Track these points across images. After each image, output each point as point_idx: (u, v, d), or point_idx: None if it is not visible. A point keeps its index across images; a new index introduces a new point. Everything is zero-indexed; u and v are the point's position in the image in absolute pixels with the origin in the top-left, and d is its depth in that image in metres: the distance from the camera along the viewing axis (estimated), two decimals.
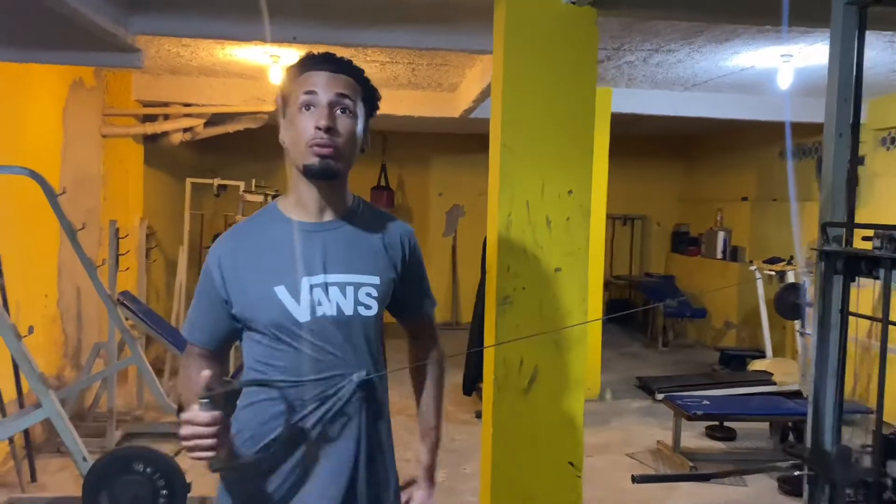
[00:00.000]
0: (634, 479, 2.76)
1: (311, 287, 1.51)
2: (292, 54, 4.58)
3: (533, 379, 2.76)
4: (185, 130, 5.97)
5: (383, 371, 1.63)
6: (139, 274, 5.63)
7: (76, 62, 3.87)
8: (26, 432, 4.08)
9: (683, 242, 9.34)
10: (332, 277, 1.53)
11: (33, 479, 4.07)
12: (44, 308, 4.64)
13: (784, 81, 4.75)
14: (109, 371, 4.36)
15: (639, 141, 9.19)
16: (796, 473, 2.06)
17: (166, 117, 5.90)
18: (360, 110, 1.56)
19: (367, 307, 1.55)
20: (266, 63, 4.77)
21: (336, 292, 1.52)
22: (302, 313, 1.50)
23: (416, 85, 5.63)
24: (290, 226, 1.54)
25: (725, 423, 5.14)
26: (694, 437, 5.15)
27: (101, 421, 4.74)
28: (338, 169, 1.52)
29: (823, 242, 2.07)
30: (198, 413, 1.30)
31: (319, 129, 1.48)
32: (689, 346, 8.58)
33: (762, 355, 6.56)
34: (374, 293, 1.56)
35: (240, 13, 3.45)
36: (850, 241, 2.10)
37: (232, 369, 4.36)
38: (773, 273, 6.51)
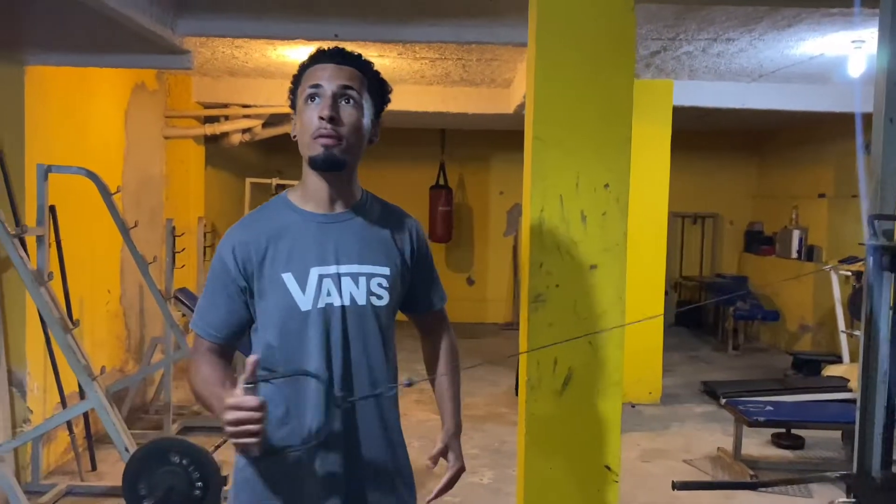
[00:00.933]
0: (674, 486, 2.63)
1: (321, 277, 1.52)
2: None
3: (567, 380, 2.67)
4: (244, 131, 6.10)
5: (392, 364, 1.63)
6: (197, 271, 5.80)
7: (129, 65, 4.00)
8: (87, 423, 4.24)
9: (757, 241, 8.96)
10: (344, 268, 1.54)
11: (93, 467, 4.23)
12: (106, 304, 4.82)
13: (856, 69, 4.46)
14: (161, 365, 4.49)
15: (708, 136, 8.87)
16: (838, 502, 1.88)
17: (227, 118, 6.04)
18: (367, 101, 1.56)
19: (379, 297, 1.57)
20: None
21: (349, 283, 1.54)
22: (305, 302, 1.51)
23: (469, 81, 5.58)
24: (301, 216, 1.56)
25: (794, 431, 4.87)
26: (759, 444, 4.91)
27: (162, 414, 4.89)
28: (342, 159, 1.53)
29: (871, 236, 1.91)
30: (245, 398, 1.28)
31: (322, 118, 1.49)
32: (762, 350, 8.21)
33: (839, 360, 6.21)
34: (386, 283, 1.58)
35: (281, 12, 3.48)
36: None
37: None
38: (849, 273, 6.14)
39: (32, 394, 3.96)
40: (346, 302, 1.53)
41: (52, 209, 3.90)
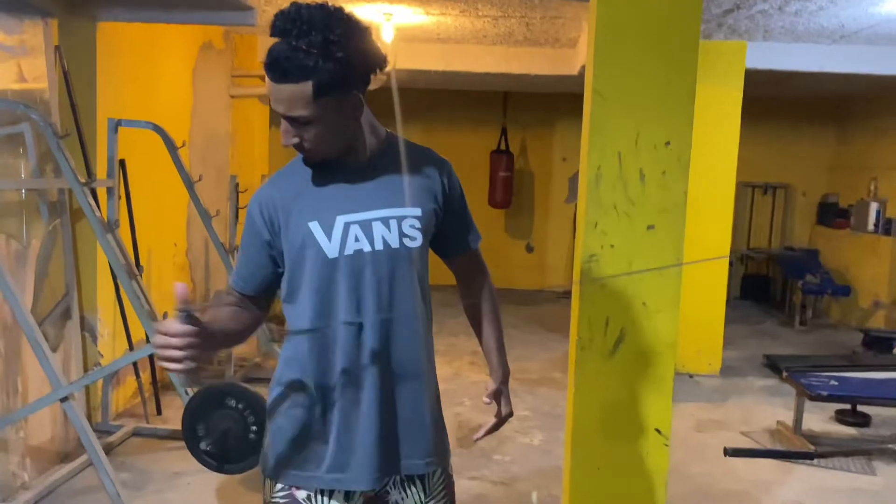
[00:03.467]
0: (726, 452, 2.58)
1: (347, 224, 1.52)
2: (404, 12, 4.57)
3: (619, 341, 2.63)
4: None
5: (428, 307, 1.64)
6: None
7: (196, 21, 4.07)
8: (153, 369, 4.43)
9: (831, 214, 8.59)
10: (373, 213, 1.53)
11: (158, 412, 4.42)
12: (173, 257, 4.99)
13: None
14: None
15: (783, 102, 8.50)
16: None
17: None
18: (320, 106, 1.43)
19: (412, 238, 1.56)
20: (379, 22, 4.80)
21: (380, 227, 1.53)
22: (332, 249, 1.51)
23: (533, 41, 5.47)
24: (325, 168, 1.55)
25: (859, 409, 4.70)
26: (821, 420, 4.76)
27: (224, 365, 5.06)
28: (323, 157, 1.53)
29: None
30: (170, 323, 1.31)
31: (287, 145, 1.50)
32: (831, 326, 7.92)
33: None
34: (418, 224, 1.57)
35: None
36: None
37: None
38: None
39: (103, 339, 4.14)
40: (379, 246, 1.53)
41: (122, 163, 4.04)
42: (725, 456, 2.26)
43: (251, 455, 2.84)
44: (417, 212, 1.57)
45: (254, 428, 2.84)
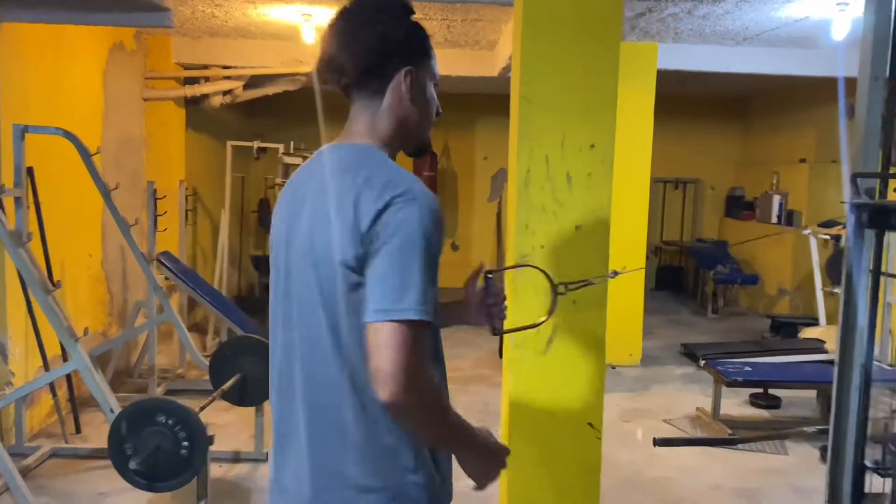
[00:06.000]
0: (655, 442, 2.69)
1: None
2: (324, 13, 4.53)
3: (551, 339, 2.69)
4: (225, 93, 6.01)
5: None
6: (179, 234, 5.74)
7: (108, 23, 3.91)
8: (70, 386, 4.23)
9: (738, 207, 9.03)
10: None
11: (78, 430, 4.23)
12: (88, 268, 4.77)
13: (839, 32, 4.47)
14: (145, 328, 4.47)
15: (692, 101, 8.88)
16: None
17: (207, 80, 5.94)
18: None
19: None
20: (298, 22, 4.73)
21: None
22: None
23: (453, 43, 5.52)
24: None
25: (770, 391, 4.97)
26: (737, 404, 5.01)
27: (146, 378, 4.89)
28: None
29: (853, 194, 1.94)
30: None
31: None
32: (741, 313, 8.34)
33: (816, 323, 6.32)
34: None
35: None
36: (883, 194, 1.97)
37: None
38: (828, 237, 6.22)
39: (14, 358, 3.93)
40: None
41: (30, 171, 3.84)
42: (655, 446, 2.36)
43: (183, 472, 2.76)
44: None
45: (185, 444, 2.76)
